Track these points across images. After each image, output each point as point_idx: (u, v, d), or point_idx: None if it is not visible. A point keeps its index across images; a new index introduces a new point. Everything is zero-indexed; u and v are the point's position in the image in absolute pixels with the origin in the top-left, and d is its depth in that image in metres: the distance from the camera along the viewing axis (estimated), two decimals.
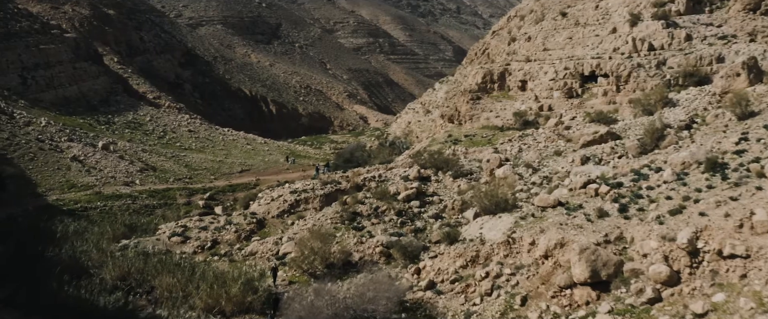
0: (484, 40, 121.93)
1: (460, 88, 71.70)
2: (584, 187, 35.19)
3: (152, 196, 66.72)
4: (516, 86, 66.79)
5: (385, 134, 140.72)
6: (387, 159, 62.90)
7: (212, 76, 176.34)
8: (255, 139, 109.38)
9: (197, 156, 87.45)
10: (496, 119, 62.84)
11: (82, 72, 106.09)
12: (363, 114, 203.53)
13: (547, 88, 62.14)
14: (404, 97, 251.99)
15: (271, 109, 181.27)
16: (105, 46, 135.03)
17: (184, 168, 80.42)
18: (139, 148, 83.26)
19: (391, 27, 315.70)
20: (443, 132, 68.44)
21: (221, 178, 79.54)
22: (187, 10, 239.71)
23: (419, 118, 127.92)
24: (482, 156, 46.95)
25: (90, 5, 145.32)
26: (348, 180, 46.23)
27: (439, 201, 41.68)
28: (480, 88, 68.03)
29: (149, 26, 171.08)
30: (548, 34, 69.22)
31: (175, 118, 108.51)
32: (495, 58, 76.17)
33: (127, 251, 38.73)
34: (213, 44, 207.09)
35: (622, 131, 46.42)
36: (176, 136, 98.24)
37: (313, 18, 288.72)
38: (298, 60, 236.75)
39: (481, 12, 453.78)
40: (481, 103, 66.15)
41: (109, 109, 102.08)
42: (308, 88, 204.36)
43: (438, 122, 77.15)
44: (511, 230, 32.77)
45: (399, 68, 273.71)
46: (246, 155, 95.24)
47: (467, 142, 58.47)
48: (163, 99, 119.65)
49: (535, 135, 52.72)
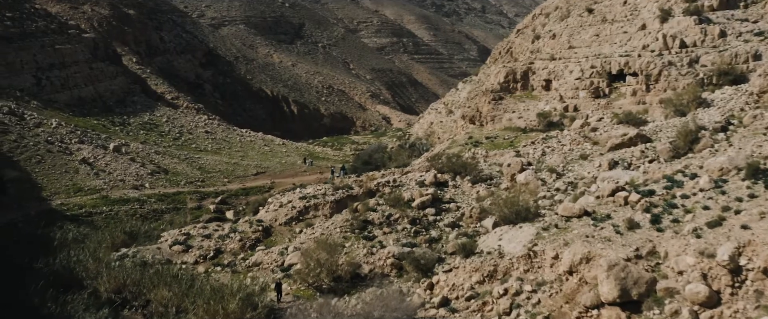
0: (509, 39, 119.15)
1: (482, 88, 68.99)
2: (612, 195, 32.40)
3: (161, 200, 64.73)
4: (540, 86, 63.97)
5: (406, 135, 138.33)
6: (405, 162, 60.29)
7: (233, 77, 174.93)
8: (273, 141, 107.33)
9: (212, 158, 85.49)
10: (519, 120, 60.08)
11: (98, 72, 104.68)
12: (386, 114, 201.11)
13: (572, 88, 59.24)
14: (428, 97, 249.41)
15: (293, 109, 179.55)
16: (124, 47, 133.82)
17: (197, 171, 78.46)
18: (152, 150, 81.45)
19: (416, 26, 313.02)
20: (464, 134, 65.77)
21: (235, 181, 77.49)
22: (209, 10, 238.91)
23: (441, 118, 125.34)
24: (503, 160, 44.23)
25: (110, 5, 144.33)
26: (360, 185, 43.74)
27: (457, 208, 39.05)
28: (502, 87, 65.29)
29: (170, 26, 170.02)
30: (574, 32, 66.29)
31: (192, 119, 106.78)
32: (518, 57, 73.35)
33: (125, 261, 36.68)
34: (235, 44, 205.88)
35: (653, 133, 43.48)
36: (192, 137, 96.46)
37: (337, 18, 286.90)
38: (321, 60, 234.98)
39: (507, 11, 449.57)
40: (504, 103, 63.43)
41: (125, 109, 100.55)
42: (330, 88, 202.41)
43: (459, 123, 74.52)
44: (533, 242, 30.11)
45: (423, 68, 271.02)
46: (263, 157, 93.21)
47: (488, 144, 55.79)
48: (181, 99, 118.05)
49: (559, 137, 49.90)
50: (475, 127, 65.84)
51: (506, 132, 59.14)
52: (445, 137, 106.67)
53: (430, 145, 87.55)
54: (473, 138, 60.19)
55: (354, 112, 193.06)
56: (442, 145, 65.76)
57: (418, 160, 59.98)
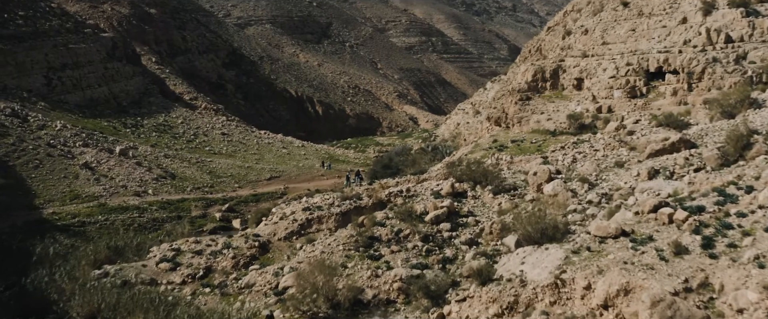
0: (539, 36, 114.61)
1: (509, 88, 64.47)
2: (654, 211, 27.80)
3: (163, 208, 61.05)
4: (571, 85, 59.30)
5: (432, 136, 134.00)
6: (424, 167, 55.94)
7: (257, 77, 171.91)
8: (292, 143, 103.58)
9: (225, 161, 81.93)
10: (548, 122, 55.47)
11: (114, 72, 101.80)
12: (413, 115, 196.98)
13: (606, 87, 54.52)
14: (457, 97, 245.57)
15: (318, 109, 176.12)
16: (144, 46, 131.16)
17: (206, 175, 74.88)
18: (161, 154, 78.07)
19: (445, 26, 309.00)
20: (488, 136, 61.33)
21: (246, 186, 73.81)
22: (235, 10, 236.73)
23: (468, 119, 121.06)
24: (529, 167, 39.77)
25: (130, 4, 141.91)
26: (370, 195, 39.56)
27: (475, 223, 34.68)
28: (530, 87, 60.70)
29: (193, 26, 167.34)
30: (608, 26, 61.49)
31: (209, 120, 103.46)
32: (548, 54, 68.67)
33: (105, 282, 32.95)
34: (260, 44, 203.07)
35: (698, 138, 38.80)
36: (207, 139, 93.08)
37: (365, 17, 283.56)
38: (348, 60, 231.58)
39: (538, 10, 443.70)
40: (531, 104, 58.86)
41: (139, 110, 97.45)
42: (356, 88, 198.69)
43: (484, 125, 70.09)
44: (561, 269, 25.64)
45: (452, 67, 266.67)
46: (279, 160, 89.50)
47: (514, 149, 51.31)
48: (200, 100, 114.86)
49: (592, 141, 45.30)
50: (501, 130, 61.34)
51: (534, 135, 54.63)
52: (471, 139, 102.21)
53: (454, 147, 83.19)
54: (498, 142, 55.74)
55: (380, 113, 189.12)
56: (465, 149, 61.35)
57: (436, 166, 55.64)
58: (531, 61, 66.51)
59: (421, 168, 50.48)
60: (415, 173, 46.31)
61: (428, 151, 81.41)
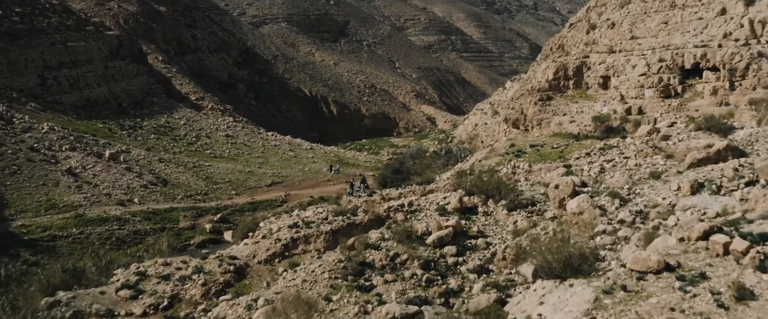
0: (561, 33, 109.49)
1: (528, 87, 59.09)
2: (705, 238, 22.46)
3: (148, 218, 56.32)
4: (596, 83, 53.85)
5: (449, 137, 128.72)
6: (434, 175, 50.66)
7: (270, 76, 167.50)
8: (300, 145, 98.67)
9: (224, 166, 77.20)
10: (571, 125, 50.10)
11: (115, 72, 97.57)
12: (431, 115, 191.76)
13: (636, 86, 49.03)
14: (477, 96, 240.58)
15: (332, 109, 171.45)
16: (151, 45, 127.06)
17: (202, 181, 70.16)
18: (155, 158, 73.48)
19: (465, 24, 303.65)
20: (505, 140, 56.03)
21: (244, 193, 69.09)
22: (251, 8, 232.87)
23: (486, 119, 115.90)
24: (549, 178, 34.52)
25: (139, 1, 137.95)
26: (367, 211, 34.51)
27: (486, 246, 29.55)
28: (551, 86, 55.28)
29: (205, 24, 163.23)
30: (637, 19, 55.95)
31: (214, 121, 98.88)
32: (571, 50, 63.14)
33: (55, 312, 28.32)
34: (275, 43, 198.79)
35: (747, 145, 33.40)
36: (210, 141, 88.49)
37: (383, 15, 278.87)
38: (365, 58, 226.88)
39: (560, 8, 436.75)
40: (553, 104, 53.49)
41: (141, 111, 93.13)
42: (373, 87, 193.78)
43: (501, 127, 64.80)
44: (590, 315, 20.44)
45: (472, 66, 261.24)
46: (284, 164, 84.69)
47: (533, 155, 46.04)
48: (207, 100, 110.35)
49: (621, 147, 39.94)
50: (519, 133, 56.04)
51: (555, 139, 49.29)
52: (488, 141, 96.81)
53: (470, 151, 77.97)
54: (515, 146, 50.43)
55: (397, 113, 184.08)
56: (479, 154, 56.05)
57: (446, 174, 50.41)
58: (552, 58, 61.01)
59: (428, 177, 45.10)
60: (422, 183, 41.17)
61: (441, 155, 76.13)
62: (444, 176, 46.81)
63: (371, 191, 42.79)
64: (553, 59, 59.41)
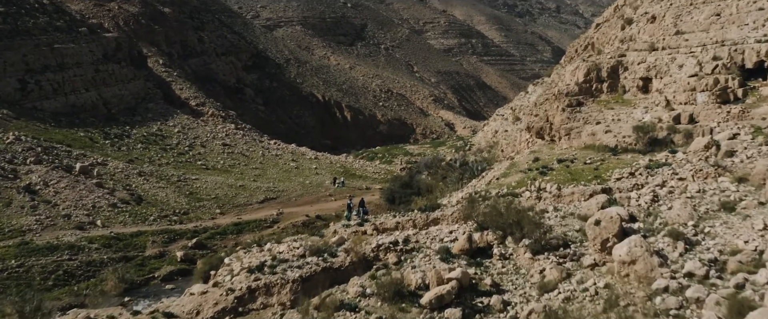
0: (587, 34, 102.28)
1: (553, 91, 51.08)
2: None
3: (109, 245, 48.57)
4: (634, 86, 45.80)
5: (467, 145, 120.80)
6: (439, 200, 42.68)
7: (281, 81, 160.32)
8: (304, 155, 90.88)
9: (214, 179, 69.62)
10: (607, 136, 42.05)
11: (106, 76, 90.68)
12: (449, 120, 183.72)
13: (685, 89, 40.94)
14: (497, 101, 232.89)
15: (346, 115, 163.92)
16: (152, 47, 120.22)
17: (183, 198, 62.51)
18: (135, 171, 66.06)
19: (486, 27, 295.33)
20: (528, 152, 48.16)
21: (231, 211, 61.50)
22: (265, 11, 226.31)
23: (507, 126, 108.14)
24: (586, 209, 26.65)
25: (142, 2, 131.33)
26: (349, 251, 26.86)
27: (503, 307, 21.82)
28: (582, 89, 47.28)
29: (214, 26, 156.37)
30: (682, 11, 47.80)
31: (212, 129, 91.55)
32: (603, 49, 54.95)
33: None
34: (288, 46, 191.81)
35: None
36: (204, 151, 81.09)
37: (402, 18, 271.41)
38: (383, 62, 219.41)
39: (582, 11, 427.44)
40: (584, 111, 45.51)
41: (132, 118, 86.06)
42: (389, 92, 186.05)
43: (523, 137, 56.84)
44: None
45: (492, 70, 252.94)
46: (283, 176, 77.04)
47: (561, 172, 38.05)
48: (207, 106, 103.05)
49: (675, 166, 32.00)
50: (544, 144, 48.14)
51: (588, 153, 41.31)
52: (508, 151, 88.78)
53: (488, 162, 70.07)
54: (540, 160, 42.50)
55: (414, 118, 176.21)
56: (497, 170, 48.06)
57: (456, 194, 42.44)
58: (582, 58, 52.82)
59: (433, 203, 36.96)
60: (425, 209, 33.34)
61: (456, 167, 68.32)
62: (453, 199, 38.94)
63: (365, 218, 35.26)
64: (582, 59, 51.33)
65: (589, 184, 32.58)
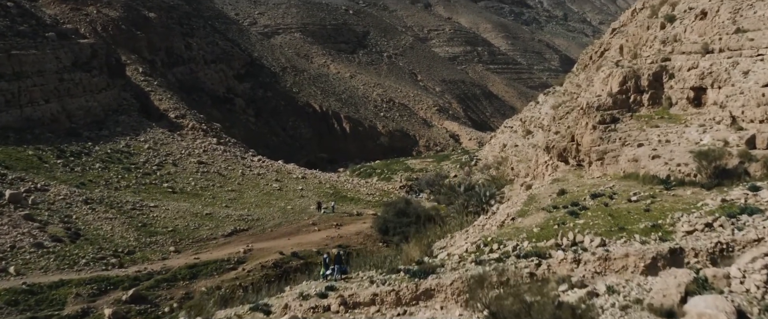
0: (602, 40, 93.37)
1: (578, 103, 41.60)
2: None
3: (15, 302, 38.68)
4: (684, 98, 36.37)
5: (473, 159, 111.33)
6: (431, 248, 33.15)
7: (276, 90, 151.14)
8: (290, 173, 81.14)
9: (177, 206, 60.02)
10: (654, 163, 32.51)
11: (72, 85, 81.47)
12: (454, 131, 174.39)
13: (757, 102, 31.50)
14: (504, 110, 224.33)
15: (345, 126, 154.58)
16: (132, 55, 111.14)
17: (133, 232, 52.70)
18: (81, 198, 56.50)
19: (492, 35, 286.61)
20: (550, 180, 38.68)
21: (189, 248, 51.83)
22: (263, 18, 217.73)
23: (516, 140, 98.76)
24: (659, 293, 17.15)
25: (124, 6, 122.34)
26: None
27: None
28: (617, 101, 37.81)
29: (204, 33, 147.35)
30: (742, 4, 38.28)
31: (189, 144, 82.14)
32: (642, 51, 45.32)
33: None
34: (285, 54, 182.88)
35: None
36: (175, 171, 71.61)
37: (406, 26, 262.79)
38: (385, 71, 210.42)
39: (590, 19, 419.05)
40: (620, 129, 36.08)
41: (97, 133, 76.76)
42: (391, 102, 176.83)
43: (541, 159, 47.27)
44: None
45: (499, 79, 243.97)
46: (262, 199, 67.46)
47: (599, 214, 28.44)
48: (188, 118, 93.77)
49: None
50: (569, 169, 38.67)
51: (630, 185, 31.78)
52: (521, 170, 79.25)
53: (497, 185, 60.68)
54: (567, 194, 32.99)
55: (417, 130, 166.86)
56: (511, 204, 38.46)
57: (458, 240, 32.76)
58: (614, 62, 43.19)
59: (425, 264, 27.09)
60: (415, 273, 23.69)
61: (460, 192, 58.86)
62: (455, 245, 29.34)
63: (345, 276, 25.93)
64: (615, 62, 41.71)
65: (646, 237, 23.04)
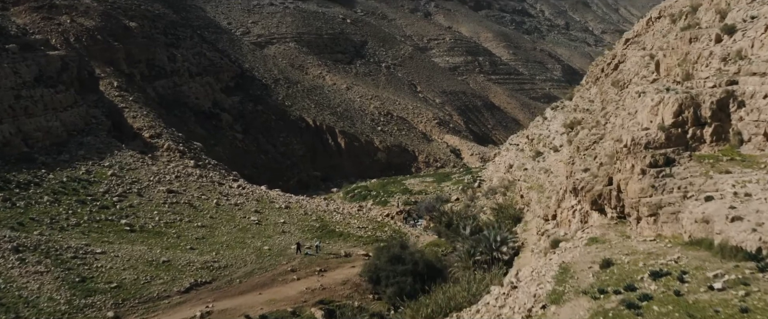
0: (614, 52, 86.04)
1: (618, 139, 32.90)
2: None
3: None
4: (761, 134, 27.88)
5: (476, 180, 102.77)
6: None
7: (267, 103, 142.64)
8: (273, 202, 71.76)
9: (130, 251, 50.69)
10: (735, 227, 23.87)
11: (31, 103, 73.03)
12: (455, 146, 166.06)
13: None
14: (506, 122, 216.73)
15: (340, 142, 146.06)
16: (108, 67, 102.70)
17: (67, 290, 43.08)
18: (11, 245, 46.96)
19: (493, 44, 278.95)
20: (583, 239, 30.04)
21: (134, 311, 42.51)
22: (256, 27, 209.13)
23: (524, 160, 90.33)
24: None
25: (103, 16, 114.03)
26: None
27: None
28: (671, 137, 29.27)
29: (191, 43, 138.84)
30: None
31: (161, 168, 73.38)
32: (696, 71, 36.42)
33: None
34: (278, 64, 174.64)
35: None
36: (139, 202, 62.50)
37: (405, 35, 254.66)
38: (383, 82, 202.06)
39: (592, 28, 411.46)
40: (678, 174, 27.56)
41: (56, 158, 68.10)
42: (389, 115, 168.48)
43: (566, 201, 38.58)
44: None
45: (501, 90, 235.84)
46: (236, 238, 58.23)
47: (669, 306, 19.85)
48: (164, 138, 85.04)
49: None
50: (609, 224, 30.12)
51: (702, 257, 23.24)
52: (532, 197, 70.54)
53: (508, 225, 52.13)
54: (614, 269, 24.33)
55: (416, 145, 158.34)
56: (537, 278, 29.69)
57: None
58: (666, 86, 34.35)
59: None
60: None
61: (466, 235, 50.16)
62: None
63: None
64: (667, 88, 33.02)
65: None
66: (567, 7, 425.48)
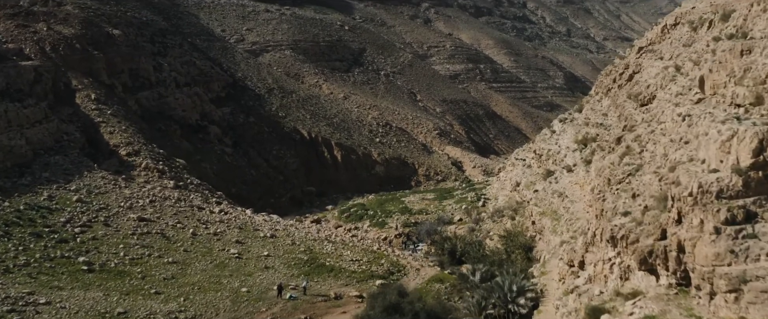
0: (627, 61, 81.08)
1: (686, 185, 26.07)
2: None
3: None
4: None
5: (481, 199, 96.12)
6: None
7: (259, 114, 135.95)
8: (257, 230, 64.08)
9: (81, 298, 43.02)
10: None
11: None
12: (457, 158, 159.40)
13: None
14: (509, 132, 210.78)
15: (336, 155, 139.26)
16: (86, 78, 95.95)
17: None
18: None
19: (494, 52, 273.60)
20: (627, 306, 23.17)
21: None
22: (251, 34, 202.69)
23: (533, 178, 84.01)
24: None
25: (83, 23, 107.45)
26: None
27: None
28: (750, 184, 22.60)
29: (179, 52, 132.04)
30: None
31: (135, 191, 66.45)
32: (760, 93, 29.32)
33: None
34: (273, 73, 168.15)
35: None
36: (105, 234, 55.05)
37: (405, 42, 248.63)
38: (382, 90, 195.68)
39: (594, 34, 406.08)
40: (763, 235, 20.85)
41: (16, 181, 61.20)
42: (388, 126, 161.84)
43: (601, 251, 31.67)
44: None
45: (502, 98, 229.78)
46: (211, 276, 50.59)
47: None
48: (142, 155, 78.18)
49: None
50: (666, 293, 23.33)
51: None
52: (545, 224, 63.78)
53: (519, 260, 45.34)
54: None
55: (416, 157, 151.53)
56: None
57: None
58: (735, 114, 27.41)
59: None
60: None
61: (475, 282, 43.19)
62: None
63: None
64: (737, 117, 26.06)
65: None
66: (568, 13, 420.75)
